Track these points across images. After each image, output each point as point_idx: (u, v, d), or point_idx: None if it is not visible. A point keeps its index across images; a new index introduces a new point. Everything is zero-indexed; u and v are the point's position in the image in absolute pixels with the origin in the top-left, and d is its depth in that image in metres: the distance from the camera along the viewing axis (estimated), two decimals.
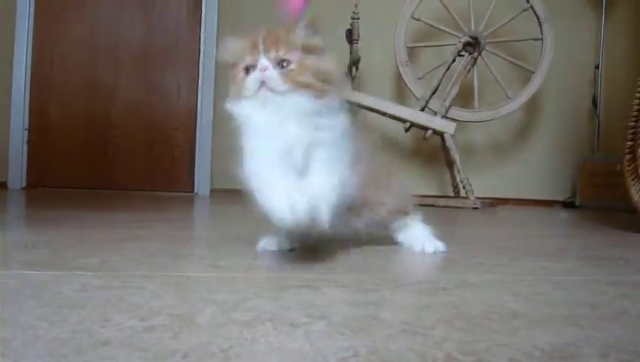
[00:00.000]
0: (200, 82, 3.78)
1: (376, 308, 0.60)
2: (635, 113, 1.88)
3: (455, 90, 3.32)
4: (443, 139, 3.28)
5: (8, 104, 3.64)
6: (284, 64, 0.87)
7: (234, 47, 0.92)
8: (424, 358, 0.44)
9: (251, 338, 0.47)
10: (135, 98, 3.76)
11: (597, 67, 3.80)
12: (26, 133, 3.69)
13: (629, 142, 1.88)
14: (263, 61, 0.87)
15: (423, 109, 3.36)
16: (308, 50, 0.89)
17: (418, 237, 1.11)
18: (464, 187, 3.20)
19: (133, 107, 3.75)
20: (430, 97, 3.35)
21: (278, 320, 0.54)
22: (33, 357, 0.42)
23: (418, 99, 3.41)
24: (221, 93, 3.74)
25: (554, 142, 3.85)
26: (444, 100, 3.32)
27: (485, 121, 3.47)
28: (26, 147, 3.68)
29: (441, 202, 3.18)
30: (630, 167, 1.85)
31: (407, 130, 3.41)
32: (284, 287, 0.70)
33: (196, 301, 0.61)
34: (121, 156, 3.73)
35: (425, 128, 3.30)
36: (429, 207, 3.05)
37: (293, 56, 0.87)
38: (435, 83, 3.34)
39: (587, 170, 3.57)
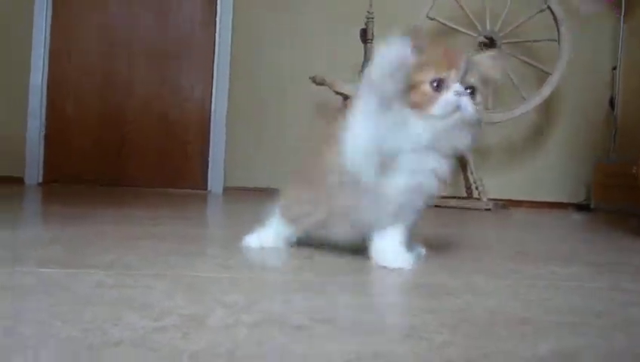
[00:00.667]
0: (214, 80, 3.80)
1: (382, 312, 0.61)
2: None
3: None
4: None
5: (26, 100, 3.70)
6: (471, 92, 0.85)
7: (424, 51, 0.85)
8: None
9: (257, 340, 0.49)
10: (150, 94, 3.79)
11: (614, 68, 3.76)
12: (43, 128, 3.74)
13: None
14: (459, 86, 0.83)
15: None
16: (487, 82, 0.88)
17: (386, 249, 0.92)
18: (477, 188, 3.19)
19: (147, 103, 3.78)
20: None
21: (285, 322, 0.55)
22: (46, 355, 0.43)
23: None
24: (235, 91, 3.78)
25: (569, 144, 3.82)
26: None
27: (499, 122, 3.45)
28: (42, 143, 3.73)
29: (453, 203, 3.17)
30: None
31: None
32: (292, 290, 0.71)
33: (207, 301, 0.62)
34: (135, 152, 3.77)
35: None
36: (442, 208, 3.05)
37: (479, 87, 0.86)
38: None
39: (602, 172, 3.54)
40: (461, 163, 3.36)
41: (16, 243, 1.03)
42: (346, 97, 3.42)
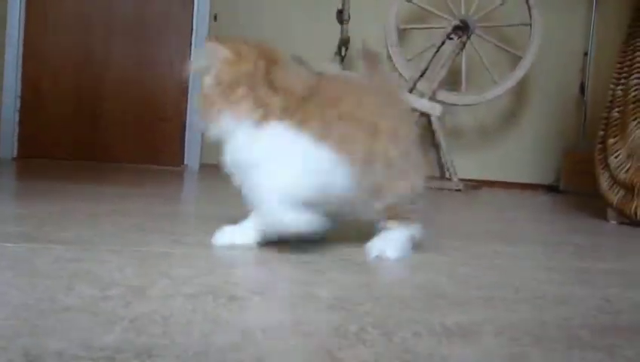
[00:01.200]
0: (192, 53, 3.81)
1: (316, 286, 0.66)
2: (608, 104, 1.94)
3: (443, 73, 3.36)
4: (429, 121, 3.34)
5: (1, 72, 3.67)
6: None
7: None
8: (339, 330, 0.51)
9: (191, 309, 0.54)
10: (127, 71, 3.79)
11: (586, 54, 3.83)
12: (18, 101, 3.72)
13: (601, 132, 1.94)
14: None
15: (410, 91, 3.40)
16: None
17: (385, 240, 0.88)
18: (448, 169, 3.27)
19: (124, 79, 3.78)
20: (418, 79, 3.39)
21: (221, 294, 0.60)
22: (1, 319, 0.48)
23: (406, 80, 3.45)
24: None
25: (540, 128, 3.91)
26: (432, 83, 3.36)
27: (471, 104, 3.52)
28: (17, 118, 3.72)
29: None
30: (600, 157, 1.91)
31: None
32: (238, 264, 0.77)
33: (154, 274, 0.67)
34: (112, 128, 3.77)
35: (412, 110, 3.34)
36: None
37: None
38: (423, 65, 3.38)
39: (572, 156, 3.63)
40: (434, 143, 3.43)
41: None
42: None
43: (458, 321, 0.56)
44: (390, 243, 0.87)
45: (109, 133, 3.77)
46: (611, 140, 1.86)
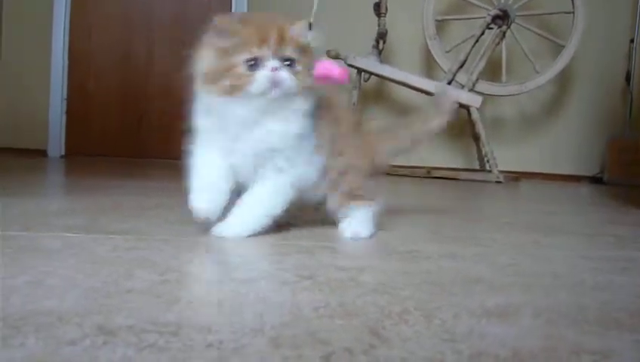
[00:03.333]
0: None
1: (358, 272, 0.69)
2: None
3: (482, 64, 3.33)
4: (469, 113, 3.31)
5: (48, 76, 3.83)
6: (289, 63, 0.85)
7: (233, 30, 0.86)
8: (383, 311, 0.54)
9: (244, 292, 0.58)
10: (169, 70, 3.89)
11: (632, 41, 3.73)
12: (65, 103, 3.88)
13: None
14: (274, 60, 0.84)
15: (450, 83, 3.38)
16: (305, 50, 0.88)
17: (354, 220, 0.97)
18: (488, 161, 3.24)
19: (166, 79, 3.88)
20: (457, 70, 3.37)
21: (272, 279, 0.64)
22: (72, 299, 0.53)
23: (445, 72, 3.43)
24: None
25: (584, 117, 3.82)
26: (471, 74, 3.34)
27: (512, 95, 3.48)
28: (64, 117, 3.88)
29: (465, 175, 3.23)
30: None
31: None
32: (286, 252, 0.80)
33: (206, 262, 0.72)
34: (155, 126, 3.89)
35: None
36: (452, 180, 3.11)
37: (298, 57, 0.86)
38: (462, 56, 3.35)
39: (617, 146, 3.55)
40: (474, 135, 3.40)
41: (43, 212, 1.14)
42: (359, 70, 3.48)
43: (497, 303, 0.58)
44: (360, 223, 0.97)
45: (152, 131, 3.89)
46: None
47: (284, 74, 0.84)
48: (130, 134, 3.90)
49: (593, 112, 3.80)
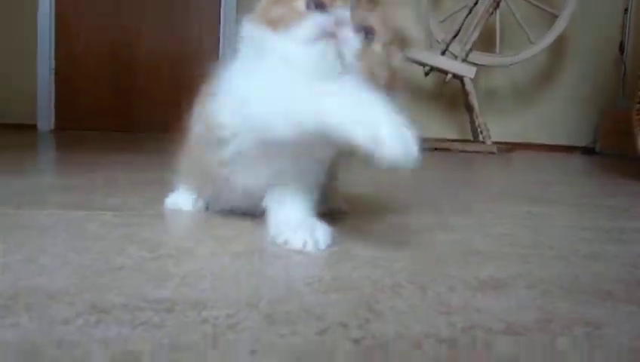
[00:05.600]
0: (221, 29, 3.84)
1: (353, 245, 0.69)
2: None
3: (476, 34, 3.29)
4: (463, 83, 3.29)
5: (35, 49, 3.76)
6: (368, 37, 0.63)
7: None
8: (375, 285, 0.53)
9: (238, 266, 0.57)
10: (158, 45, 3.85)
11: (626, 11, 3.70)
12: (54, 76, 3.82)
13: None
14: (346, 12, 0.62)
15: (443, 53, 3.35)
16: (400, 41, 0.67)
17: (289, 220, 0.70)
18: (481, 132, 3.24)
19: (155, 53, 3.84)
20: (451, 41, 3.34)
21: (265, 252, 0.64)
22: (63, 277, 0.52)
23: (439, 42, 3.40)
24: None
25: (577, 88, 3.81)
26: (464, 44, 3.31)
27: (506, 65, 3.45)
28: (53, 91, 3.83)
29: (458, 146, 3.23)
30: (638, 117, 1.87)
31: (426, 74, 3.42)
32: None
33: (199, 236, 0.71)
34: (145, 100, 3.86)
35: (445, 72, 3.30)
36: (446, 151, 3.11)
37: (382, 35, 0.65)
38: (456, 26, 3.32)
39: (609, 116, 3.55)
40: (467, 106, 3.39)
41: (35, 189, 1.12)
42: None
43: (492, 275, 0.58)
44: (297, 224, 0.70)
45: (141, 105, 3.85)
46: None
47: (351, 34, 0.62)
48: (119, 108, 3.86)
49: (587, 83, 3.78)
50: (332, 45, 0.61)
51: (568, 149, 3.81)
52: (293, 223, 0.68)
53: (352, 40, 0.61)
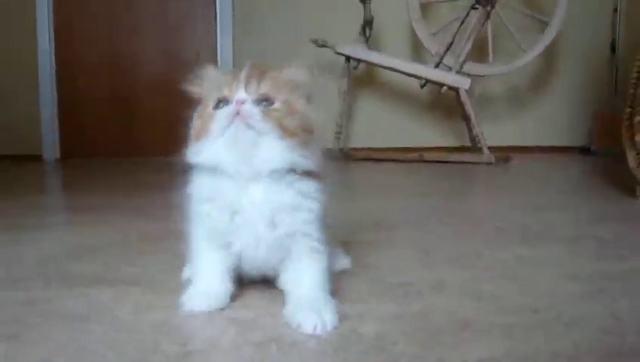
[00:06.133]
0: (218, 49, 3.93)
1: (358, 323, 0.77)
2: (634, 81, 1.95)
3: (469, 45, 3.37)
4: (458, 94, 3.37)
5: (37, 79, 3.85)
6: (266, 104, 0.77)
7: (212, 79, 0.82)
8: None
9: (260, 358, 0.66)
10: (156, 69, 3.94)
11: (615, 10, 3.76)
12: (56, 107, 3.92)
13: (628, 109, 1.96)
14: (241, 93, 0.77)
15: (437, 65, 3.43)
16: (296, 91, 0.80)
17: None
18: (478, 142, 3.31)
19: (155, 73, 3.94)
20: (445, 53, 3.41)
21: (282, 341, 0.72)
22: None
23: (432, 55, 3.48)
24: (240, 57, 3.87)
25: (572, 89, 3.89)
26: (458, 56, 3.38)
27: (500, 74, 3.53)
28: (57, 121, 3.93)
29: (455, 157, 3.31)
30: (628, 134, 1.94)
31: (422, 86, 3.49)
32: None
33: (220, 322, 0.79)
34: (147, 122, 3.94)
35: (440, 84, 3.38)
36: (443, 163, 3.19)
37: (279, 95, 0.78)
38: (449, 38, 3.39)
39: (602, 117, 3.62)
40: (463, 116, 3.47)
41: (55, 256, 1.21)
42: (347, 58, 3.51)
43: (480, 357, 0.66)
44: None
45: (144, 129, 3.95)
46: (638, 118, 1.89)
47: (249, 107, 0.76)
48: (122, 133, 3.96)
49: (580, 84, 3.85)
50: (239, 121, 0.75)
51: (566, 150, 3.88)
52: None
53: (251, 110, 0.76)
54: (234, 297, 0.86)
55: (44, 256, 1.21)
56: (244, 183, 0.78)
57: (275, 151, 0.76)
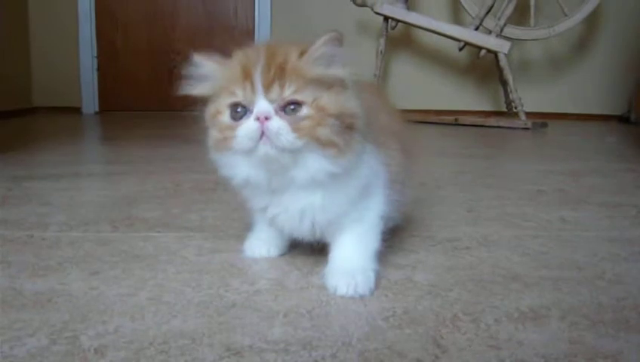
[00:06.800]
0: (256, 4, 3.93)
1: (413, 272, 0.83)
2: None
3: (510, 8, 3.31)
4: (497, 58, 3.34)
5: (76, 35, 3.93)
6: (293, 108, 0.67)
7: (213, 71, 0.72)
8: (437, 318, 0.67)
9: (325, 301, 0.72)
10: (194, 22, 3.98)
11: None
12: (95, 60, 3.99)
13: None
14: (263, 104, 0.66)
15: (477, 28, 3.39)
16: (325, 82, 0.68)
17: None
18: (515, 107, 3.29)
19: (193, 31, 3.97)
20: (485, 15, 3.37)
21: None
22: (192, 317, 0.67)
23: (473, 17, 3.43)
24: (278, 17, 3.87)
25: (613, 57, 3.80)
26: (498, 19, 3.33)
27: (541, 39, 3.47)
28: (96, 75, 4.01)
29: (492, 121, 3.30)
30: None
31: (460, 49, 3.46)
32: None
33: (284, 266, 0.85)
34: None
35: (479, 47, 3.35)
36: (480, 127, 3.19)
37: (306, 93, 0.67)
38: (489, 1, 3.34)
39: None
40: (501, 80, 3.44)
41: (116, 202, 1.29)
42: (385, 18, 3.49)
43: (530, 305, 0.71)
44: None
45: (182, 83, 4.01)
46: None
47: (275, 124, 0.66)
48: (160, 87, 4.03)
49: (622, 52, 3.77)
50: (267, 143, 0.66)
51: (605, 118, 3.83)
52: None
53: (279, 128, 0.66)
54: (293, 245, 0.91)
55: (105, 202, 1.29)
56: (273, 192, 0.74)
57: (311, 167, 0.69)
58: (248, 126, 0.67)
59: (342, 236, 0.78)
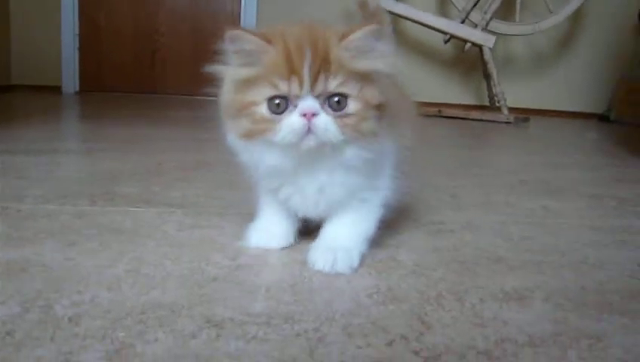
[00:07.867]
0: None
1: (397, 251, 0.82)
2: None
3: (497, 3, 3.32)
4: (482, 52, 3.35)
5: (59, 12, 3.83)
6: (338, 100, 0.65)
7: (259, 52, 0.66)
8: (422, 295, 0.66)
9: (308, 276, 0.70)
10: (179, 4, 3.91)
11: None
12: (77, 39, 3.91)
13: None
14: (310, 101, 0.64)
15: (463, 21, 3.39)
16: (364, 72, 0.66)
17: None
18: (498, 101, 3.31)
19: (178, 14, 3.91)
20: (471, 9, 3.37)
21: None
22: (172, 289, 0.65)
23: (459, 10, 3.43)
24: (264, 3, 3.82)
25: (595, 56, 3.84)
26: (485, 12, 3.34)
27: (525, 35, 3.49)
28: (77, 54, 3.92)
29: (475, 114, 3.31)
30: None
31: (446, 41, 3.46)
32: None
33: None
34: (168, 61, 3.94)
35: (464, 40, 3.35)
36: (463, 120, 3.20)
37: (352, 85, 0.65)
38: None
39: (625, 85, 3.60)
40: (485, 74, 3.45)
41: (95, 177, 1.26)
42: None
43: (514, 286, 0.71)
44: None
45: (162, 67, 3.95)
46: None
47: (322, 121, 0.64)
48: (143, 69, 3.96)
49: (604, 51, 3.81)
50: (312, 139, 0.65)
51: (584, 116, 3.87)
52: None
53: (326, 125, 0.64)
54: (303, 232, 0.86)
55: (84, 177, 1.26)
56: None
57: (348, 154, 0.68)
58: (294, 122, 0.65)
59: (340, 215, 0.76)
